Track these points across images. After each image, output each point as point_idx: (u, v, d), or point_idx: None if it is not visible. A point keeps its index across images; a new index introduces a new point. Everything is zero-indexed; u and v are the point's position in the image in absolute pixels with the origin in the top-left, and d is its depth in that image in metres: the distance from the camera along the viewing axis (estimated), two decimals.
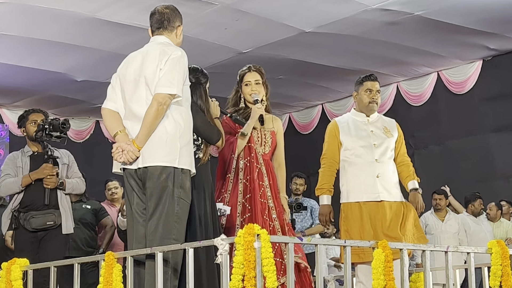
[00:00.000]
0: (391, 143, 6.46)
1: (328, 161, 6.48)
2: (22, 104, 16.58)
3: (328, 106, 17.31)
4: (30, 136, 7.29)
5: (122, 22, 11.62)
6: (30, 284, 5.81)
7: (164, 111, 5.03)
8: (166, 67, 5.08)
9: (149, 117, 5.01)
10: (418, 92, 15.62)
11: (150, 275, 4.95)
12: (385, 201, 6.27)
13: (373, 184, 6.30)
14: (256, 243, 4.30)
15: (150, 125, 5.01)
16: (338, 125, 6.55)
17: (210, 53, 13.04)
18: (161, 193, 5.01)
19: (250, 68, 6.43)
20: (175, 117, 5.09)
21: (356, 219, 6.28)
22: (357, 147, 6.40)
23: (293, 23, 12.32)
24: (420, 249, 5.30)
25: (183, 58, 5.17)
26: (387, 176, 6.34)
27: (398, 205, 6.30)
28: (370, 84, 6.51)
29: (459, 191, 12.94)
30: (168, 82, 5.03)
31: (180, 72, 5.10)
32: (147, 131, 5.02)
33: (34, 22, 11.74)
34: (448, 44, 13.62)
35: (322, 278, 4.61)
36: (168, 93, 5.01)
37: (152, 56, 5.18)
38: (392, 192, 6.32)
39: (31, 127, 7.26)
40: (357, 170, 6.37)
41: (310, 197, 10.73)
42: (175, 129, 5.06)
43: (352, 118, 6.57)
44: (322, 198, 6.47)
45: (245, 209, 6.11)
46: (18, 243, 7.15)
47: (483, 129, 14.70)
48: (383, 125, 6.51)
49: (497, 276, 5.46)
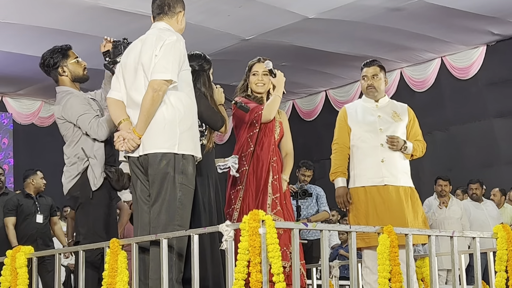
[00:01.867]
0: (400, 127, 6.45)
1: (339, 146, 6.53)
2: (25, 92, 16.63)
3: (332, 92, 17.30)
4: (77, 76, 6.10)
5: (125, 10, 11.62)
6: (34, 271, 5.81)
7: (161, 98, 5.00)
8: (161, 53, 5.05)
9: (145, 104, 4.99)
10: (421, 78, 15.61)
11: (154, 261, 4.96)
12: (390, 185, 6.27)
13: (377, 169, 6.30)
14: (261, 229, 4.31)
15: (147, 112, 4.99)
16: (347, 111, 6.62)
17: (213, 40, 13.03)
18: (163, 179, 5.01)
19: (260, 59, 6.48)
20: (174, 103, 5.07)
21: (361, 204, 6.30)
22: (363, 132, 6.43)
23: (296, 10, 12.31)
24: (426, 234, 5.30)
25: (179, 42, 5.13)
26: (394, 160, 6.33)
27: (405, 190, 6.29)
28: (365, 70, 6.57)
29: (463, 176, 12.93)
30: (162, 68, 5.01)
31: (175, 57, 5.06)
32: (145, 118, 5.01)
33: (37, 10, 11.74)
34: (452, 29, 13.60)
35: (327, 264, 4.61)
36: (163, 79, 4.98)
37: (149, 43, 5.15)
38: (398, 177, 6.31)
39: (76, 66, 6.10)
40: (362, 155, 6.39)
41: (315, 183, 10.73)
42: (173, 115, 5.04)
43: (361, 104, 6.62)
44: (337, 181, 6.48)
45: (275, 188, 6.18)
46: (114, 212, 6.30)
47: (487, 115, 14.69)
48: (393, 110, 6.50)
49: (502, 261, 5.45)
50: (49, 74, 6.09)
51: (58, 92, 6.06)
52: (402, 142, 6.35)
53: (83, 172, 5.82)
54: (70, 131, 5.89)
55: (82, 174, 5.82)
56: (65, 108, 5.86)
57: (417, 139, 6.52)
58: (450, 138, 14.96)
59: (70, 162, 5.89)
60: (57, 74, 6.04)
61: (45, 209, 9.76)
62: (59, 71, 6.01)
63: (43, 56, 6.07)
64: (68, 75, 6.02)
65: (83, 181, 5.81)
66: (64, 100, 5.90)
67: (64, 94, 5.96)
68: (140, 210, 5.18)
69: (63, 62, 6.02)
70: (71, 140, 5.89)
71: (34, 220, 9.63)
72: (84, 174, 5.82)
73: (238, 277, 4.33)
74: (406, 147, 6.35)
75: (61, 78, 6.04)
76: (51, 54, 6.03)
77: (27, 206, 9.72)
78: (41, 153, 16.48)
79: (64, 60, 6.02)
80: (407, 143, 6.37)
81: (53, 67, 6.02)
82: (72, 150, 5.88)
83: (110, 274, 5.02)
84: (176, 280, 4.95)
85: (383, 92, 6.58)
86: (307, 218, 9.66)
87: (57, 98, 6.05)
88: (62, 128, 5.94)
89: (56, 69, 6.02)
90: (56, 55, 6.02)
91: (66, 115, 5.86)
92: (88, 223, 5.81)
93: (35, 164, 11.34)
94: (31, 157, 16.29)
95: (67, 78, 6.03)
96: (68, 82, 6.03)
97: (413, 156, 6.46)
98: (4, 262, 5.88)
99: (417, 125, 6.61)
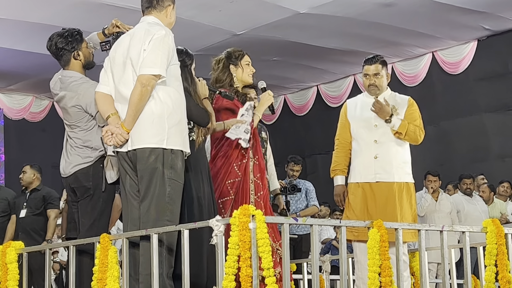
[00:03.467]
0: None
1: (339, 142, 6.57)
2: (16, 87, 16.59)
3: (323, 87, 17.30)
4: (88, 61, 6.01)
5: (116, 4, 11.59)
6: (25, 267, 5.80)
7: (149, 92, 4.99)
8: (150, 47, 5.03)
9: (133, 99, 4.99)
10: (413, 73, 15.63)
11: (144, 256, 4.95)
12: (383, 182, 6.28)
13: (370, 165, 6.32)
14: (251, 224, 4.32)
15: (135, 107, 4.99)
16: (347, 106, 6.64)
17: (204, 35, 13.01)
18: (151, 175, 5.00)
19: (244, 51, 6.42)
20: (162, 98, 5.06)
21: (354, 199, 6.33)
22: (359, 128, 6.45)
23: (288, 5, 12.31)
24: (415, 228, 5.31)
25: (167, 37, 5.11)
26: (388, 157, 6.33)
27: (399, 186, 6.28)
28: (366, 68, 6.53)
29: (454, 171, 12.96)
30: (151, 62, 5.00)
31: (164, 52, 5.05)
32: (133, 113, 5.00)
33: (29, 5, 11.72)
34: (443, 24, 13.61)
35: (317, 258, 4.62)
36: (151, 74, 4.98)
37: (137, 37, 5.14)
38: (392, 172, 6.31)
39: (87, 51, 6.00)
40: (358, 151, 6.43)
41: (307, 178, 10.76)
42: (162, 110, 5.03)
43: (362, 99, 6.61)
44: (336, 179, 6.54)
45: (258, 187, 6.11)
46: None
47: (478, 110, 14.72)
48: (392, 105, 6.48)
49: (492, 255, 5.47)
50: (60, 57, 5.93)
51: (69, 77, 5.90)
52: (388, 110, 6.32)
53: (94, 162, 5.75)
54: (84, 120, 5.81)
55: (94, 164, 5.75)
56: (84, 98, 5.73)
57: (414, 124, 6.47)
58: (441, 133, 14.98)
59: (79, 147, 5.78)
60: (70, 58, 5.90)
61: (33, 204, 9.78)
62: (74, 54, 5.89)
63: (55, 38, 5.91)
64: (82, 60, 5.91)
65: (95, 171, 5.74)
66: (82, 89, 5.78)
67: (80, 82, 5.84)
68: (130, 205, 5.17)
69: (79, 46, 5.91)
70: (82, 128, 5.80)
71: (18, 215, 9.81)
72: (97, 165, 5.74)
73: (229, 272, 4.34)
74: (390, 120, 6.33)
75: (74, 62, 5.90)
76: (69, 37, 5.88)
77: (18, 203, 9.84)
78: (32, 148, 16.46)
79: (80, 44, 5.92)
80: (393, 117, 6.33)
81: (69, 50, 5.89)
82: (84, 138, 5.78)
83: (100, 269, 5.03)
84: (166, 275, 4.95)
85: (385, 88, 6.55)
86: (296, 213, 9.67)
87: (67, 83, 5.89)
88: (74, 116, 5.81)
89: (71, 52, 5.89)
90: (74, 37, 5.89)
91: (85, 104, 5.74)
92: (94, 215, 5.76)
93: (26, 159, 11.32)
94: (22, 152, 16.24)
95: (79, 63, 5.92)
96: (79, 68, 5.91)
97: (405, 136, 6.35)
98: None
99: (416, 112, 6.53)
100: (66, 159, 5.87)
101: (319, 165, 16.11)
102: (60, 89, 5.92)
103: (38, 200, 9.84)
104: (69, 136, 5.89)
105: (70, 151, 5.85)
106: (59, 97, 5.93)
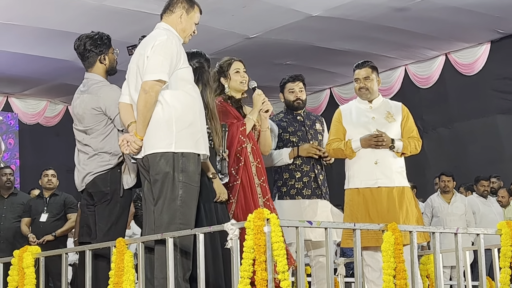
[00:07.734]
0: (393, 128, 6.44)
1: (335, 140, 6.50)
2: (30, 92, 16.67)
3: (336, 90, 17.31)
4: (112, 67, 5.99)
5: (130, 10, 11.63)
6: (42, 272, 5.84)
7: (153, 98, 5.03)
8: (151, 53, 5.09)
9: (139, 106, 5.05)
10: (426, 75, 15.61)
11: (159, 260, 4.99)
12: (384, 187, 6.28)
13: (371, 171, 6.32)
14: (266, 227, 4.33)
15: (142, 114, 5.04)
16: (342, 112, 6.60)
17: (217, 38, 13.05)
18: (163, 179, 5.04)
19: (233, 59, 6.33)
20: (170, 102, 5.09)
21: (355, 205, 6.33)
22: (356, 134, 6.42)
23: (300, 8, 12.32)
24: (430, 231, 5.32)
25: (169, 41, 5.14)
26: (388, 162, 6.34)
27: (399, 191, 6.28)
28: (356, 72, 6.57)
29: (468, 173, 12.93)
30: (152, 68, 5.04)
31: (166, 56, 5.08)
32: (141, 120, 5.05)
33: (43, 11, 11.78)
34: (456, 28, 13.61)
35: (332, 261, 4.63)
36: (153, 80, 5.01)
37: (143, 44, 5.22)
38: (392, 177, 6.31)
39: (113, 57, 6.00)
40: (356, 157, 6.41)
41: None
42: (169, 114, 5.07)
43: (356, 105, 6.61)
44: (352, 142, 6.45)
45: (265, 190, 6.11)
46: None
47: (492, 111, 14.68)
48: (386, 110, 6.50)
49: (507, 257, 5.46)
50: (86, 58, 5.92)
51: (91, 79, 5.88)
52: (390, 140, 6.34)
53: (112, 168, 5.74)
54: (102, 124, 5.77)
55: (112, 170, 5.74)
56: (105, 100, 5.71)
57: (411, 135, 6.45)
58: (454, 135, 14.94)
59: (96, 155, 5.76)
60: (96, 60, 5.88)
61: (54, 208, 9.86)
62: (101, 58, 5.88)
63: (84, 39, 5.92)
64: (107, 65, 5.90)
65: (113, 177, 5.73)
66: (103, 91, 5.76)
67: (100, 85, 5.82)
68: (148, 210, 5.23)
69: (106, 50, 5.91)
70: (100, 132, 5.77)
71: (38, 219, 9.87)
72: (115, 170, 5.74)
73: (244, 276, 4.36)
74: (393, 146, 6.34)
75: (99, 66, 5.89)
76: (98, 40, 5.90)
77: (35, 207, 9.90)
78: (47, 152, 16.54)
79: (107, 49, 5.92)
80: (395, 142, 6.34)
81: (96, 53, 5.88)
82: (101, 143, 5.75)
83: (116, 274, 5.05)
84: (182, 278, 4.98)
85: (376, 92, 6.55)
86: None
87: (88, 85, 5.87)
88: (92, 119, 5.78)
89: (97, 55, 5.88)
90: (103, 41, 5.90)
91: (104, 107, 5.71)
92: (111, 219, 5.74)
93: (41, 164, 11.40)
94: (37, 157, 16.32)
95: (104, 67, 5.90)
96: (103, 72, 5.90)
97: (404, 154, 6.42)
98: (12, 262, 5.92)
99: (411, 121, 6.55)
100: (81, 170, 5.84)
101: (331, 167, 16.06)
102: (81, 93, 5.91)
103: (59, 205, 9.92)
104: (82, 145, 5.86)
105: (84, 162, 5.82)
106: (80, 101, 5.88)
